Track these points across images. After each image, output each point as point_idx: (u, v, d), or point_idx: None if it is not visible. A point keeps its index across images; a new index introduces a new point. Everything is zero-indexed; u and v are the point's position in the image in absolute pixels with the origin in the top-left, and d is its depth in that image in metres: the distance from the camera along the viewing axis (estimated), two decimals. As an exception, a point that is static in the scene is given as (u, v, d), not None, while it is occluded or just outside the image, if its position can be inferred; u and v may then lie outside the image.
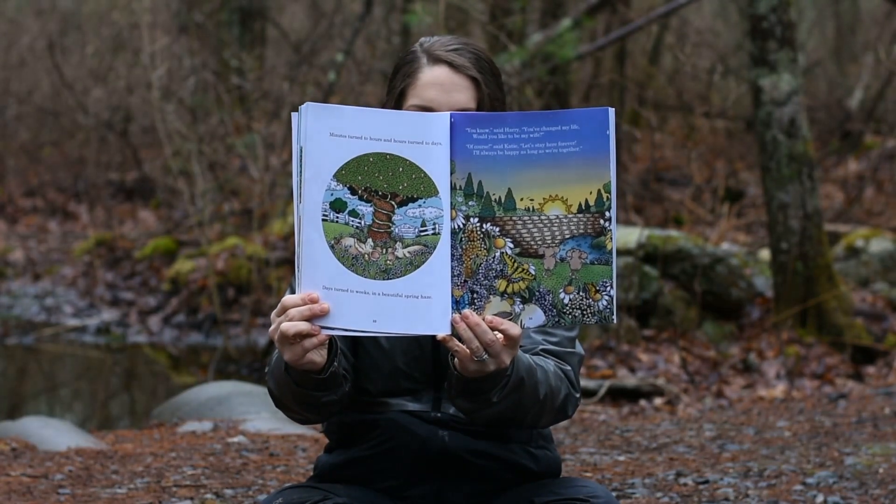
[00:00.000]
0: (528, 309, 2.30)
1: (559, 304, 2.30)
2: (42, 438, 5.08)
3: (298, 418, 2.50)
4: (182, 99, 12.75)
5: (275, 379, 2.43)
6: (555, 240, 2.30)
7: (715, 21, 15.31)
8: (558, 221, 2.29)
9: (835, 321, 7.56)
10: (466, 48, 2.55)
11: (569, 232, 2.30)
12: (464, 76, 2.53)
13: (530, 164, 2.29)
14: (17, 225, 14.70)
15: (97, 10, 16.77)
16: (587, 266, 2.30)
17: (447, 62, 2.53)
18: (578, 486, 2.52)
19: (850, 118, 13.60)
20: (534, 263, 2.30)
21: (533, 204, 2.29)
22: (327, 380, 2.37)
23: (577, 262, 2.30)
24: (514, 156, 2.29)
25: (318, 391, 2.39)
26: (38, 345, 10.33)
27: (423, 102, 2.52)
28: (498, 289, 2.30)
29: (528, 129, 2.29)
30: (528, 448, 2.61)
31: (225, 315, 10.21)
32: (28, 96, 15.89)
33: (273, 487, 4.29)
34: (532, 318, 2.30)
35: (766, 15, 7.48)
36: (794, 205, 7.50)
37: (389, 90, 2.58)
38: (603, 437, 5.36)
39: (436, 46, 2.55)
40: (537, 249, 2.30)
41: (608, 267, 2.30)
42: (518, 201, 2.29)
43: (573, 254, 2.30)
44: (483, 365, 2.29)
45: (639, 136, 12.10)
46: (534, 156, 2.29)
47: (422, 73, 2.53)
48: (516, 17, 10.61)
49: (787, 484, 4.28)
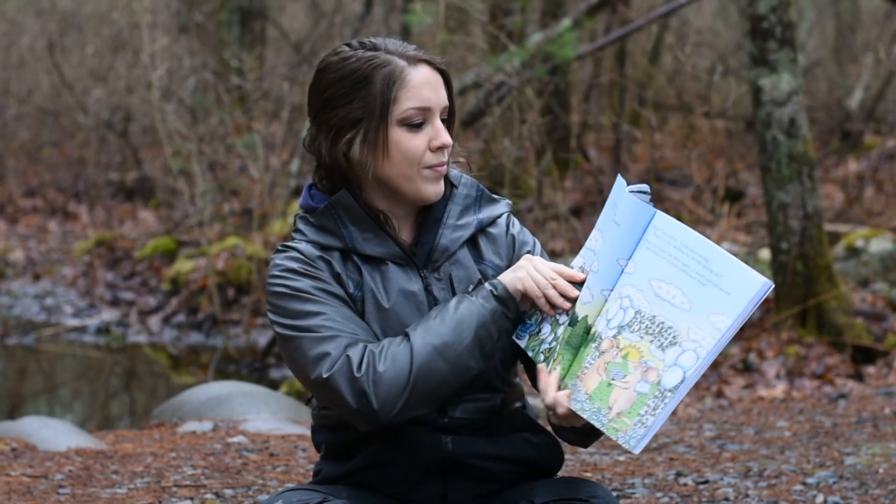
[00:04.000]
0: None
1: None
2: (42, 438, 5.07)
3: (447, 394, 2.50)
4: (182, 99, 12.76)
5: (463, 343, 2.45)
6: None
7: (715, 21, 15.31)
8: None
9: (835, 321, 7.56)
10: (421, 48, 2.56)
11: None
12: (439, 73, 2.54)
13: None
14: (17, 225, 14.70)
15: (97, 10, 16.76)
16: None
17: (425, 61, 2.52)
18: (578, 485, 2.52)
19: (850, 118, 13.60)
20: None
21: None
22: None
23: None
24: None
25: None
26: (38, 345, 10.33)
27: (422, 104, 2.50)
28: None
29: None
30: (526, 436, 2.62)
31: (225, 315, 10.21)
32: (28, 96, 15.89)
33: (273, 487, 4.29)
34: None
35: (766, 15, 7.48)
36: (794, 205, 7.50)
37: (358, 101, 2.49)
38: (603, 437, 5.36)
39: (402, 49, 2.52)
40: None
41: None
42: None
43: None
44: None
45: (639, 136, 12.10)
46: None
47: (409, 75, 2.49)
48: (516, 17, 10.61)
49: (787, 484, 4.28)
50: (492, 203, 2.63)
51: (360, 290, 2.52)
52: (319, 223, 2.54)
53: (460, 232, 2.57)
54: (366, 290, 2.52)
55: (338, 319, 2.47)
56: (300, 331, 2.47)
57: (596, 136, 13.65)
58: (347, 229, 2.52)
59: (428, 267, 2.55)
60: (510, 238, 2.62)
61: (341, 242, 2.53)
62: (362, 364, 2.42)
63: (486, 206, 2.62)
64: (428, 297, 2.53)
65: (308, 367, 2.46)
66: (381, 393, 2.40)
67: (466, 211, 2.59)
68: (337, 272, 2.52)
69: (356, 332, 2.47)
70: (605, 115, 12.86)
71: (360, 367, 2.42)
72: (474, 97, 9.86)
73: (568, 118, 11.85)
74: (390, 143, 2.49)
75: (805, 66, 12.71)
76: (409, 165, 2.50)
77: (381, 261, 2.53)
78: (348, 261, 2.53)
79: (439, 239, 2.55)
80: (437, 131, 2.52)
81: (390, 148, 2.49)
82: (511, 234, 2.63)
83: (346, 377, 2.41)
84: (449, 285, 2.55)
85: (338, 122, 2.50)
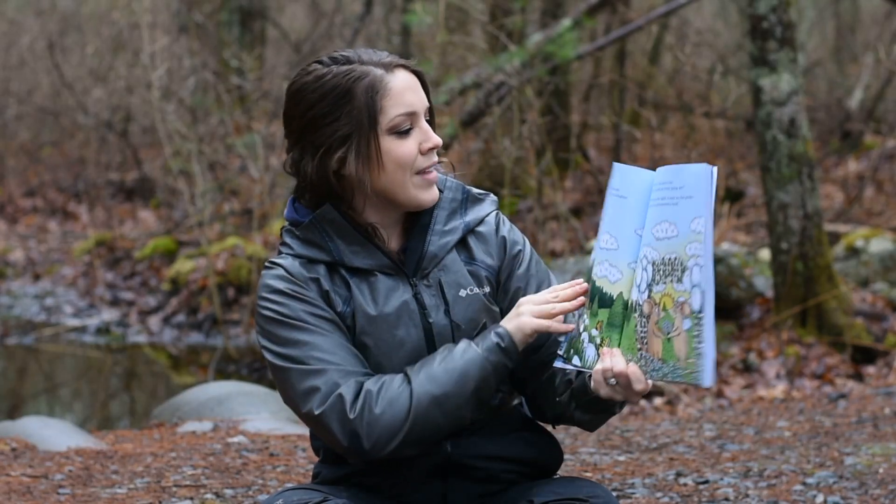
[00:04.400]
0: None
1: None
2: (42, 438, 5.07)
3: (452, 425, 2.49)
4: (182, 99, 12.76)
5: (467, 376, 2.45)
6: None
7: (715, 21, 15.31)
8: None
9: (835, 321, 7.56)
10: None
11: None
12: (416, 76, 2.53)
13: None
14: (17, 225, 14.70)
15: (97, 10, 16.77)
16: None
17: (400, 65, 2.51)
18: (578, 485, 2.52)
19: (850, 118, 13.59)
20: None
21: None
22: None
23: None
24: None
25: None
26: (38, 345, 10.33)
27: (407, 108, 2.49)
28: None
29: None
30: (525, 435, 2.62)
31: (225, 315, 10.21)
32: (28, 96, 15.89)
33: (273, 487, 4.29)
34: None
35: (766, 15, 7.48)
36: (794, 205, 7.50)
37: (345, 117, 2.47)
38: (603, 437, 5.36)
39: (375, 57, 2.50)
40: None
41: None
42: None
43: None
44: (615, 392, 2.41)
45: (639, 136, 12.10)
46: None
47: (389, 82, 2.48)
48: (516, 17, 10.62)
49: (787, 484, 4.28)
50: (477, 203, 2.63)
51: (349, 304, 2.51)
52: (305, 237, 2.53)
53: (448, 237, 2.57)
54: (355, 304, 2.51)
55: (327, 349, 2.46)
56: (289, 360, 2.47)
57: (596, 136, 13.66)
58: (334, 242, 2.51)
59: (417, 274, 2.55)
60: (501, 239, 2.62)
61: (328, 256, 2.52)
62: (356, 403, 2.42)
63: (472, 207, 2.62)
64: (418, 304, 2.53)
65: (298, 401, 2.46)
66: (374, 435, 2.41)
67: (453, 215, 2.59)
68: (325, 290, 2.51)
69: (346, 362, 2.46)
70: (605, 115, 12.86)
71: (353, 406, 2.41)
72: (474, 97, 9.86)
73: (568, 118, 11.85)
74: (383, 152, 2.48)
75: (805, 66, 12.71)
76: (403, 172, 2.49)
77: (369, 272, 2.53)
78: (335, 274, 2.53)
79: (428, 246, 2.55)
80: (425, 133, 2.52)
81: (384, 158, 2.48)
82: (501, 235, 2.63)
83: (338, 417, 2.42)
84: (439, 291, 2.55)
85: (326, 142, 2.48)
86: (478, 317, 2.55)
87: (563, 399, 2.54)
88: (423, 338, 2.53)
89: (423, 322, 2.53)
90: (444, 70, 11.00)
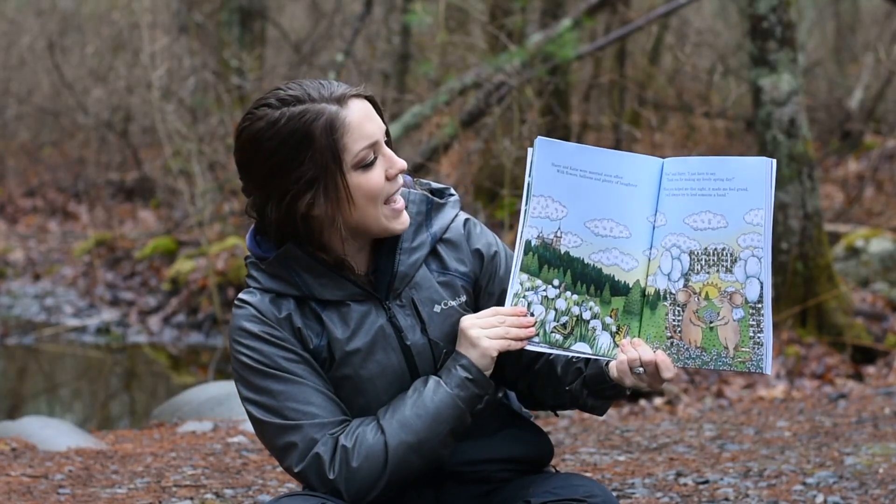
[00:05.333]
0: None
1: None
2: (42, 438, 5.08)
3: (426, 465, 2.48)
4: (182, 99, 12.76)
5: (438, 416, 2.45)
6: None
7: (715, 21, 15.30)
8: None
9: (835, 321, 7.56)
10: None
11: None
12: (368, 102, 2.49)
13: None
14: (17, 225, 14.70)
15: (97, 10, 16.77)
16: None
17: (353, 96, 2.46)
18: (576, 484, 2.52)
19: (850, 118, 13.60)
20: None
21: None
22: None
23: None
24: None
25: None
26: (38, 345, 10.33)
27: (369, 140, 2.44)
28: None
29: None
30: (514, 431, 2.62)
31: (225, 315, 10.21)
32: (28, 96, 15.90)
33: (273, 487, 4.29)
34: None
35: (766, 15, 7.48)
36: (794, 205, 7.50)
37: (308, 161, 2.41)
38: (603, 437, 5.36)
39: (325, 92, 2.44)
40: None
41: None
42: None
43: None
44: (640, 381, 2.46)
45: (639, 136, 12.10)
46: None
47: (346, 117, 2.43)
48: (516, 17, 10.61)
49: (787, 484, 4.28)
50: (440, 210, 2.59)
51: (323, 337, 2.49)
52: (272, 271, 2.50)
53: (417, 254, 2.54)
54: (329, 337, 2.49)
55: (302, 399, 2.45)
56: (266, 411, 2.46)
57: (596, 136, 13.65)
58: (301, 277, 2.48)
59: (389, 296, 2.52)
60: (475, 251, 2.59)
61: (297, 290, 2.49)
62: (334, 462, 2.42)
63: (436, 217, 2.58)
64: (394, 328, 2.51)
65: (277, 455, 2.48)
66: (354, 488, 2.42)
67: (419, 230, 2.56)
68: (297, 328, 2.48)
69: (322, 411, 2.45)
70: (605, 115, 12.86)
71: (331, 466, 2.42)
72: (474, 97, 9.86)
73: (568, 118, 11.85)
74: (352, 189, 2.44)
75: (805, 66, 12.71)
76: (375, 205, 2.46)
77: (340, 302, 2.50)
78: (306, 307, 2.50)
79: (398, 266, 2.52)
80: (389, 160, 2.48)
81: (354, 194, 2.44)
82: (475, 248, 2.59)
83: (317, 475, 2.43)
84: (413, 310, 2.53)
85: (291, 187, 2.43)
86: (455, 331, 2.52)
87: (575, 387, 2.53)
88: (404, 360, 2.51)
89: (400, 345, 2.51)
90: (444, 70, 11.00)
